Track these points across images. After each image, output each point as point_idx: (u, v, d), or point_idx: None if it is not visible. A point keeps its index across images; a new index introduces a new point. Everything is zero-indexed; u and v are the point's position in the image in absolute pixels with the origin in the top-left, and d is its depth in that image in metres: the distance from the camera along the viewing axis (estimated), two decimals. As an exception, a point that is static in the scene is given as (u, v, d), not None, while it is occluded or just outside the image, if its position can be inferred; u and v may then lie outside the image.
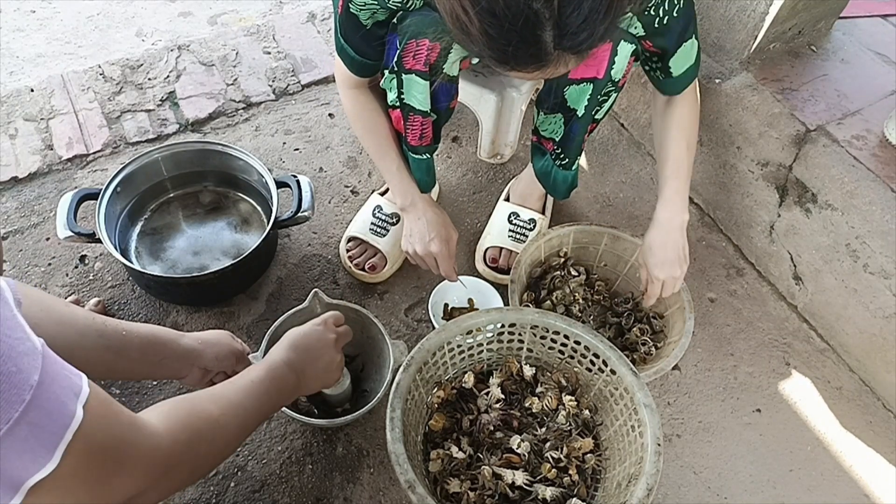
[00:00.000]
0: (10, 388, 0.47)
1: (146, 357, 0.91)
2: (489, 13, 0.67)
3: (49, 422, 0.50)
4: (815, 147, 1.21)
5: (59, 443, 0.51)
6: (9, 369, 0.47)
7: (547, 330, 1.04)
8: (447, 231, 1.15)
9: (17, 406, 0.48)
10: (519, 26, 0.67)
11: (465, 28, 0.70)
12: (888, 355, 1.20)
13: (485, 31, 0.69)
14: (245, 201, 1.38)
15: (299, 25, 1.77)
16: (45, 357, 0.51)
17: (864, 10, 1.46)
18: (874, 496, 1.15)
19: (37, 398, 0.49)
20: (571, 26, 0.67)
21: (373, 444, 1.12)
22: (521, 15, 0.66)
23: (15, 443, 0.48)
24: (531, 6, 0.66)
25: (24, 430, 0.48)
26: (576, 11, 0.66)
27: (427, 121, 1.09)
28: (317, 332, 0.95)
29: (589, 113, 1.10)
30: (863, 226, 1.16)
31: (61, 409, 0.51)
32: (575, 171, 1.25)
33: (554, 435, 1.00)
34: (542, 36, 0.68)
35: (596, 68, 1.02)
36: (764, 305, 1.37)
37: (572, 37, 0.68)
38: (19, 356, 0.49)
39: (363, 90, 1.15)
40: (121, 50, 1.80)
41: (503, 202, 1.39)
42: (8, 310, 0.50)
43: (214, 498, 1.05)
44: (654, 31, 0.99)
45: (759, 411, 1.23)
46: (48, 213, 1.36)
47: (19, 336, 0.50)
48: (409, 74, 1.02)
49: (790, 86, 1.31)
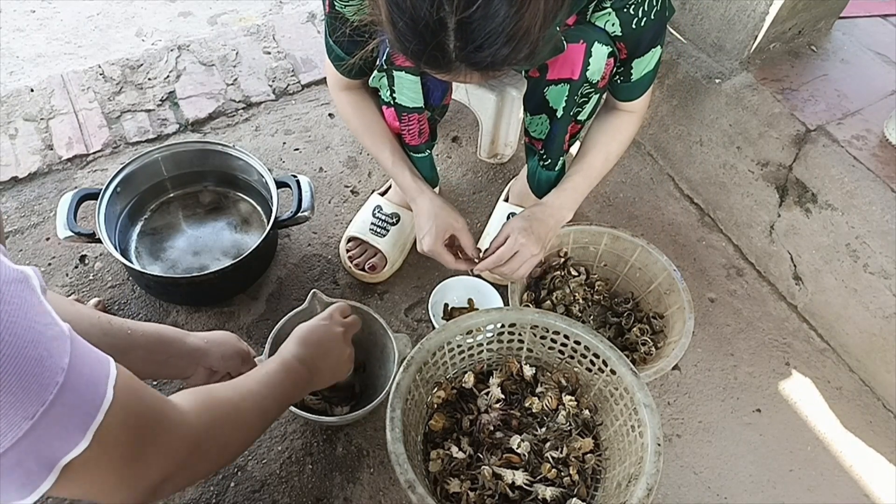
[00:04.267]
0: (42, 372, 0.49)
1: (152, 356, 0.91)
2: (397, 7, 0.68)
3: (81, 402, 0.52)
4: (815, 147, 1.21)
5: (92, 423, 0.52)
6: (40, 353, 0.49)
7: (547, 330, 1.04)
8: (442, 222, 1.09)
9: (51, 388, 0.49)
10: (421, 27, 0.68)
11: (378, 13, 0.71)
12: (888, 355, 1.20)
13: (392, 22, 0.70)
14: (245, 201, 1.38)
15: (299, 25, 1.77)
16: (74, 340, 0.53)
17: (864, 10, 1.47)
18: (874, 496, 1.15)
19: (68, 380, 0.51)
20: (473, 41, 0.68)
21: (373, 444, 1.12)
22: (424, 18, 0.67)
23: (50, 424, 0.49)
24: (435, 13, 0.66)
25: (58, 410, 0.50)
26: (478, 28, 0.67)
27: (422, 117, 1.09)
28: (324, 326, 0.94)
29: (568, 114, 1.09)
30: (863, 226, 1.16)
31: (92, 390, 0.53)
32: (559, 172, 1.22)
33: (554, 435, 1.00)
34: (445, 43, 0.69)
35: (571, 69, 1.01)
36: (764, 305, 1.37)
37: (473, 52, 0.69)
38: (49, 341, 0.50)
39: (356, 91, 1.14)
40: (121, 50, 1.80)
41: (502, 202, 1.39)
42: (35, 297, 0.51)
43: (214, 498, 1.05)
44: (631, 31, 0.98)
45: (759, 411, 1.23)
46: (48, 213, 1.36)
47: (48, 322, 0.51)
48: (398, 71, 1.01)
49: (790, 86, 1.31)
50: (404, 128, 1.11)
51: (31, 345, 0.48)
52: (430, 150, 1.17)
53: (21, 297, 0.49)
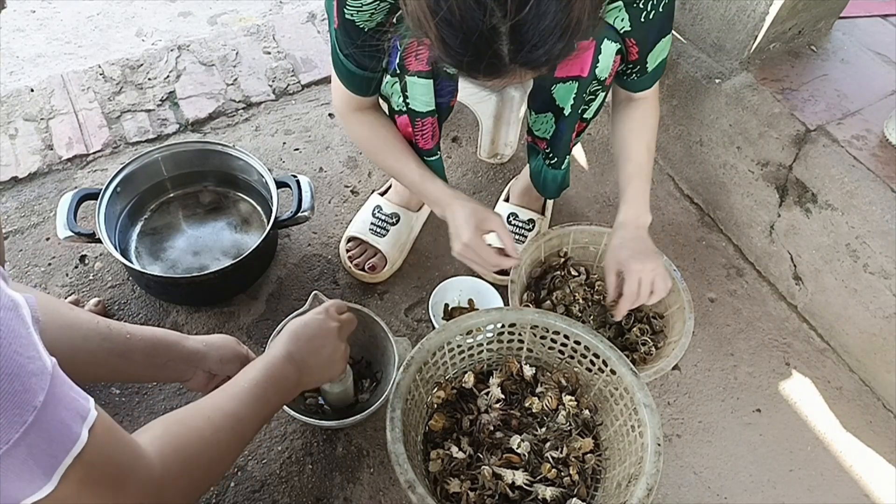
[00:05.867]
0: (12, 409, 0.47)
1: (150, 360, 0.90)
2: (447, 23, 0.67)
3: (49, 445, 0.50)
4: (815, 147, 1.21)
5: (59, 466, 0.50)
6: (14, 388, 0.47)
7: (547, 330, 1.04)
8: (480, 217, 1.05)
9: (17, 427, 0.47)
10: (475, 39, 0.67)
11: (424, 33, 0.71)
12: (888, 355, 1.20)
13: (442, 40, 0.69)
14: (245, 201, 1.38)
15: (299, 25, 1.77)
16: (55, 378, 0.51)
17: (864, 10, 1.47)
18: (874, 496, 1.15)
19: (39, 420, 0.48)
20: (528, 43, 0.68)
21: (373, 444, 1.12)
22: (477, 29, 0.66)
23: (13, 464, 0.47)
24: (487, 21, 0.66)
25: (22, 451, 0.48)
26: (531, 29, 0.66)
27: (434, 120, 1.08)
28: (318, 320, 0.92)
29: (576, 112, 1.09)
30: (863, 226, 1.16)
31: (64, 433, 0.51)
32: (565, 171, 1.23)
33: (554, 435, 1.00)
34: (499, 49, 0.68)
35: (580, 66, 1.01)
36: (764, 305, 1.37)
37: (528, 53, 0.69)
38: (28, 376, 0.48)
39: (370, 111, 1.11)
40: (121, 50, 1.80)
41: (502, 203, 1.39)
42: (24, 327, 0.49)
43: (214, 498, 1.05)
44: (640, 25, 0.98)
45: (759, 411, 1.23)
46: (48, 213, 1.36)
47: (31, 355, 0.49)
48: (412, 76, 1.00)
49: (790, 86, 1.31)
50: (418, 133, 1.09)
51: (8, 378, 0.46)
52: (440, 153, 1.16)
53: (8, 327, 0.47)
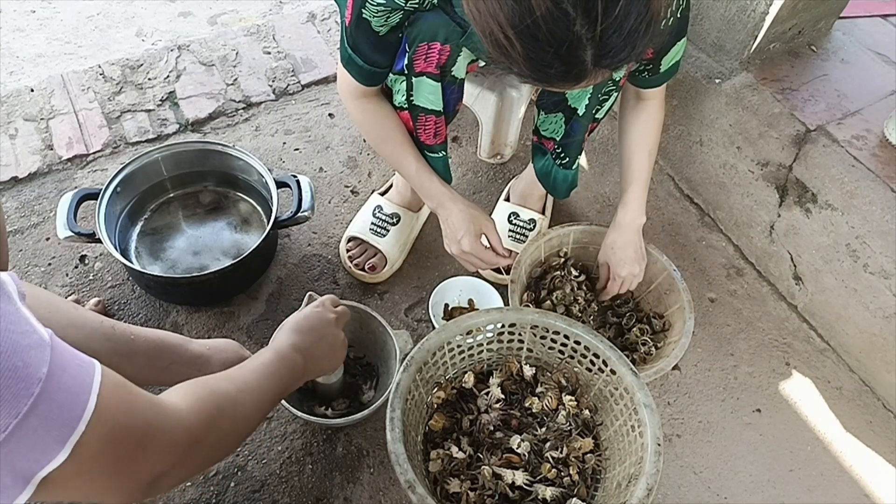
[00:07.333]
0: (17, 383, 0.47)
1: (154, 362, 0.90)
2: (531, 38, 0.67)
3: (60, 413, 0.50)
4: (815, 147, 1.21)
5: (71, 434, 0.51)
6: (14, 364, 0.47)
7: (547, 330, 1.04)
8: (477, 224, 1.11)
9: (25, 400, 0.47)
10: (563, 51, 0.67)
11: (505, 51, 0.70)
12: (888, 355, 1.20)
13: (527, 56, 0.69)
14: (245, 201, 1.38)
15: (299, 25, 1.77)
16: (55, 348, 0.51)
17: (864, 10, 1.47)
18: (874, 496, 1.15)
19: (46, 391, 0.49)
20: (612, 46, 0.68)
21: (373, 444, 1.12)
22: (565, 40, 0.66)
23: (25, 436, 0.48)
24: (573, 30, 0.65)
25: (33, 422, 0.48)
26: (616, 32, 0.66)
27: (440, 119, 1.08)
28: (317, 312, 0.95)
29: (590, 112, 1.09)
30: (863, 226, 1.16)
31: (73, 400, 0.51)
32: (575, 171, 1.25)
33: (554, 435, 1.00)
34: (583, 56, 0.68)
35: None
36: (764, 305, 1.37)
37: (612, 55, 0.69)
38: (25, 350, 0.48)
39: (373, 98, 1.12)
40: (121, 50, 1.80)
41: (503, 202, 1.39)
42: (11, 304, 0.49)
43: (214, 498, 1.05)
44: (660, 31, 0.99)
45: (759, 411, 1.23)
46: (48, 213, 1.36)
47: (24, 329, 0.49)
48: (419, 77, 1.00)
49: (790, 86, 1.31)
50: (419, 127, 1.09)
51: (5, 354, 0.46)
52: (446, 152, 1.16)
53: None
